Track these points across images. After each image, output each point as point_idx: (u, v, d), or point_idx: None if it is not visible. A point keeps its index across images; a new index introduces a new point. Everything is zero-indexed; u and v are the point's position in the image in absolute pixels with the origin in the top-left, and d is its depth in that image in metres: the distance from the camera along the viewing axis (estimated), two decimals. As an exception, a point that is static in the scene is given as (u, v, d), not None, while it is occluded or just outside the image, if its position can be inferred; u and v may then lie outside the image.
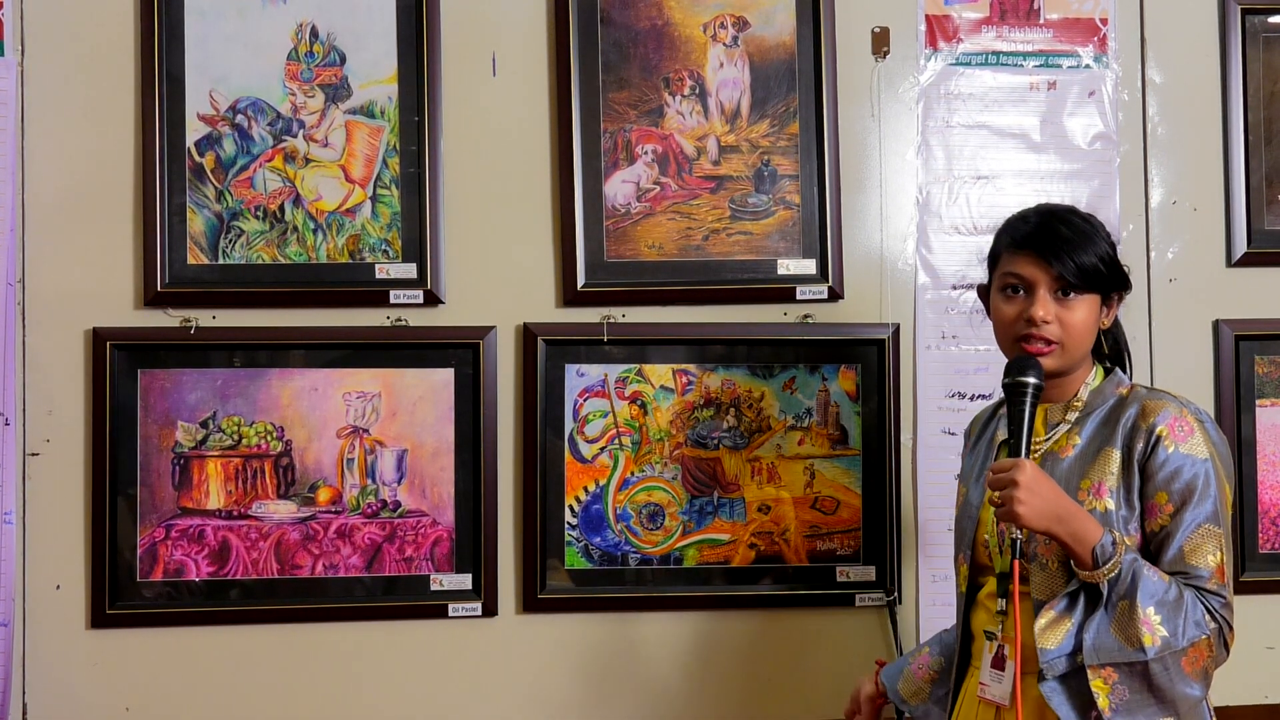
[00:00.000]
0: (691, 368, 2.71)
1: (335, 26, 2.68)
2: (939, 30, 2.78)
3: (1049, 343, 1.99)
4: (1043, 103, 2.79)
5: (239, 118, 2.65)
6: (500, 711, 2.68)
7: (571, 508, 2.68)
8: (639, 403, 2.70)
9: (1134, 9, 2.82)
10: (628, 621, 2.70)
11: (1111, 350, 2.14)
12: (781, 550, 2.72)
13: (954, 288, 2.73)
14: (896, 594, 2.71)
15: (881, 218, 2.76)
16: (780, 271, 2.71)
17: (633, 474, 2.70)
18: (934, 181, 2.77)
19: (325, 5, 2.68)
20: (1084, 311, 2.01)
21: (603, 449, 2.69)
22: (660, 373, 2.70)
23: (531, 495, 2.66)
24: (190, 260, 2.63)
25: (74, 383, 2.61)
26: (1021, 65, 2.80)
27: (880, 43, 2.77)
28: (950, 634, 2.26)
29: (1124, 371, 2.13)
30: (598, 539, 2.69)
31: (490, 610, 2.66)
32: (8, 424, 2.55)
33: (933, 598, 2.72)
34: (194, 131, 2.64)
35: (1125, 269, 2.07)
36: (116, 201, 2.63)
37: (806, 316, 2.72)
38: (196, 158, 2.64)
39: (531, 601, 2.66)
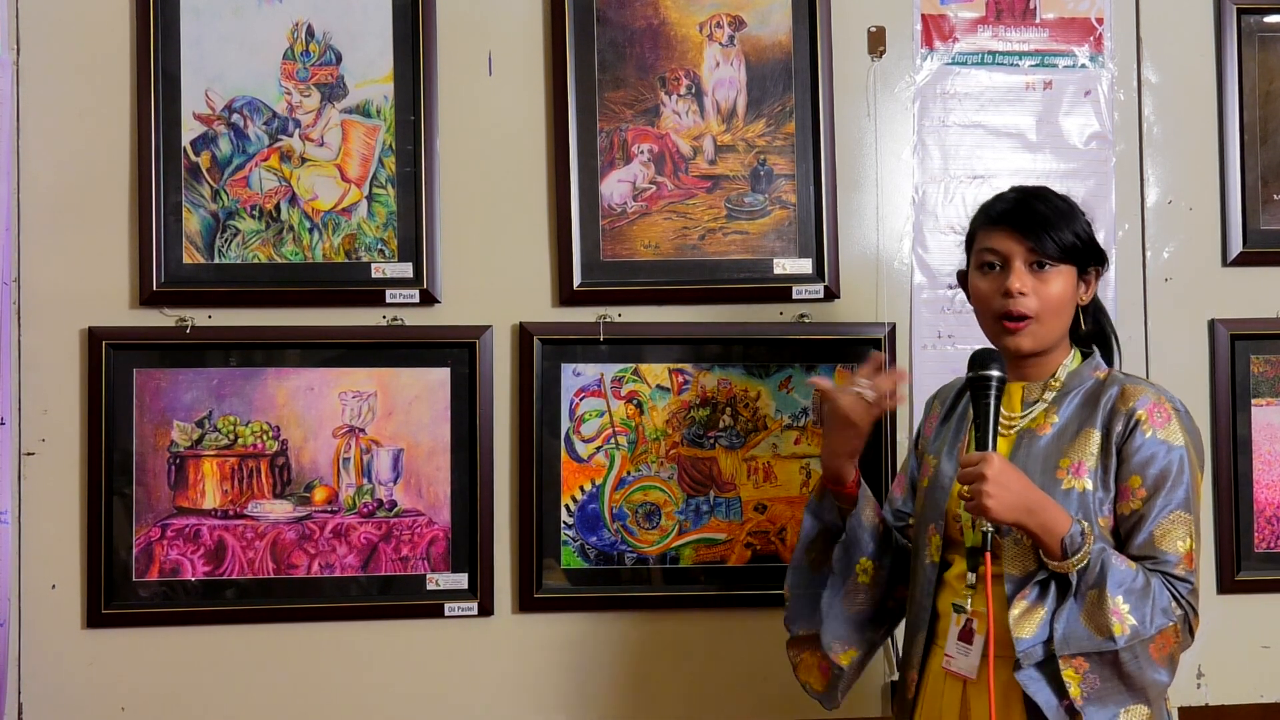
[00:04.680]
0: (688, 367, 2.71)
1: (331, 26, 2.67)
2: (935, 30, 2.78)
3: (1025, 317, 2.01)
4: (1039, 102, 2.79)
5: (235, 117, 2.65)
6: (496, 711, 2.68)
7: (568, 507, 2.68)
8: (635, 402, 2.70)
9: (1130, 9, 2.82)
10: (624, 621, 2.70)
11: (1095, 331, 2.15)
12: (778, 549, 2.71)
13: (950, 287, 2.72)
14: (892, 593, 2.71)
15: (878, 217, 2.76)
16: (776, 271, 2.71)
17: (629, 473, 2.69)
18: (930, 181, 2.77)
19: (321, 4, 2.67)
20: (1060, 284, 2.03)
21: (599, 448, 2.69)
22: (656, 372, 2.70)
23: (528, 495, 2.66)
24: (186, 259, 2.63)
25: (69, 382, 2.61)
26: (1017, 65, 2.80)
27: (876, 42, 2.77)
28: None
29: (1112, 351, 2.15)
30: (594, 538, 2.69)
31: (486, 610, 2.66)
32: (3, 424, 2.54)
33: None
34: (190, 131, 2.64)
35: (1103, 247, 2.10)
36: (112, 200, 2.63)
37: (803, 316, 2.72)
38: (192, 157, 2.64)
39: (528, 601, 2.66)
